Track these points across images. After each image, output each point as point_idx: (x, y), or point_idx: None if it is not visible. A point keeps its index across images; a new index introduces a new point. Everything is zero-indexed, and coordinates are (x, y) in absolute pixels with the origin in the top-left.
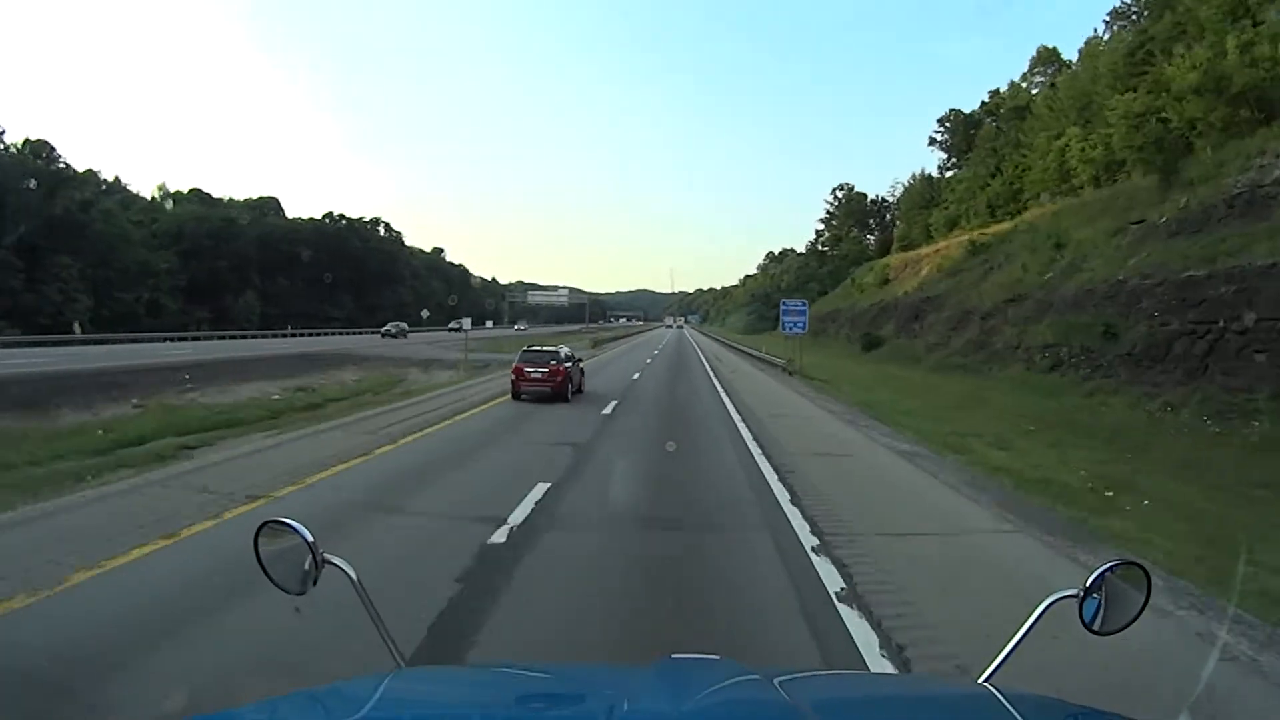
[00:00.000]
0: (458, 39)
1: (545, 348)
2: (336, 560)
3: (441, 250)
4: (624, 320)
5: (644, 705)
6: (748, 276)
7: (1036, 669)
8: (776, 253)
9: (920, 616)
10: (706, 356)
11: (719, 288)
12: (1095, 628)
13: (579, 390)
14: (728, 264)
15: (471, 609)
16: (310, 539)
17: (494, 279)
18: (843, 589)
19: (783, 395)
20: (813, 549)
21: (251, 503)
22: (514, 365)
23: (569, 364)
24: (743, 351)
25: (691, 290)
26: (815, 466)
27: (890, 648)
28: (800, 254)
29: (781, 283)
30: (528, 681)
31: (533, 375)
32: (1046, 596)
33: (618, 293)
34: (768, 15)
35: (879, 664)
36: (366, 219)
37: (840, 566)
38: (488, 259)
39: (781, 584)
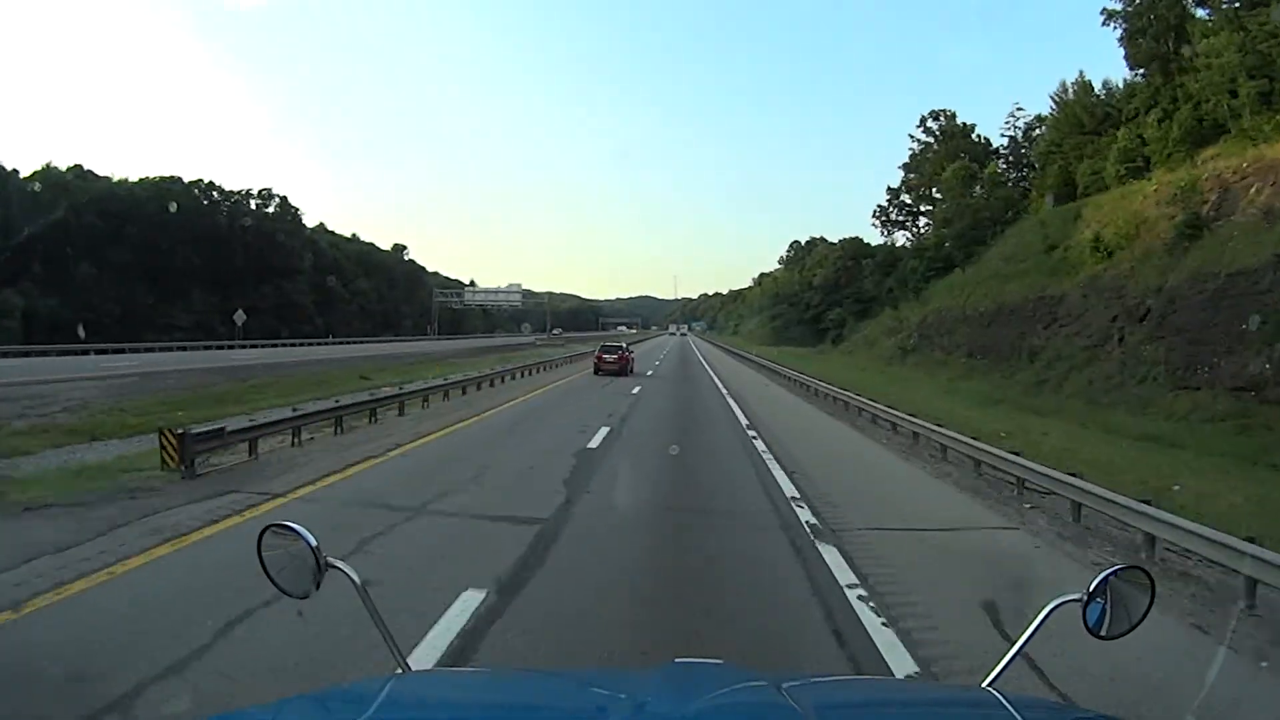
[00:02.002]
0: (454, 37)
1: (615, 344)
2: (339, 564)
3: (403, 248)
4: (622, 327)
5: (648, 709)
6: (763, 275)
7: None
8: (803, 242)
9: None
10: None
11: (726, 292)
12: (1100, 632)
13: (631, 370)
14: (735, 268)
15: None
16: (314, 543)
17: (473, 281)
18: None
19: None
20: None
21: None
22: (595, 353)
23: (629, 352)
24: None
25: (695, 296)
26: None
27: None
28: (834, 243)
29: (814, 277)
30: (531, 685)
31: (608, 359)
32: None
33: (618, 299)
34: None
35: None
36: (253, 191)
37: None
38: (478, 264)
39: None
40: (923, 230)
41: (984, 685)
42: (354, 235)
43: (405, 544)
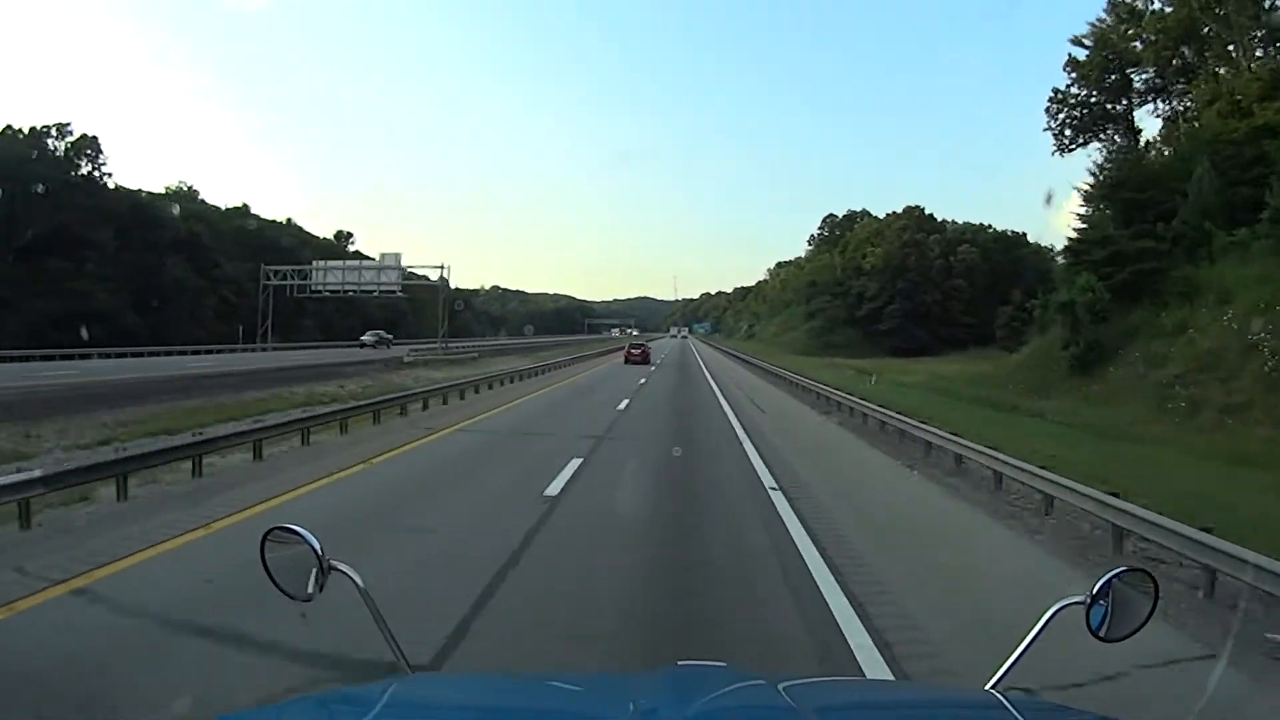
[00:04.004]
0: (451, 35)
1: (641, 341)
2: (342, 567)
3: (348, 235)
4: (614, 331)
5: (649, 711)
6: (783, 264)
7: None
8: (840, 216)
9: None
10: None
11: (731, 290)
12: (1102, 634)
13: (649, 359)
14: (737, 268)
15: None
16: (317, 546)
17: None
18: None
19: None
20: None
21: None
22: (625, 349)
23: (649, 347)
24: None
25: (696, 296)
26: None
27: None
28: (879, 217)
29: (864, 258)
30: (533, 688)
31: (634, 353)
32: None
33: (615, 300)
34: None
35: None
36: (41, 128)
37: None
38: (476, 267)
39: None
40: (1183, 121)
41: (987, 688)
42: (265, 212)
43: None
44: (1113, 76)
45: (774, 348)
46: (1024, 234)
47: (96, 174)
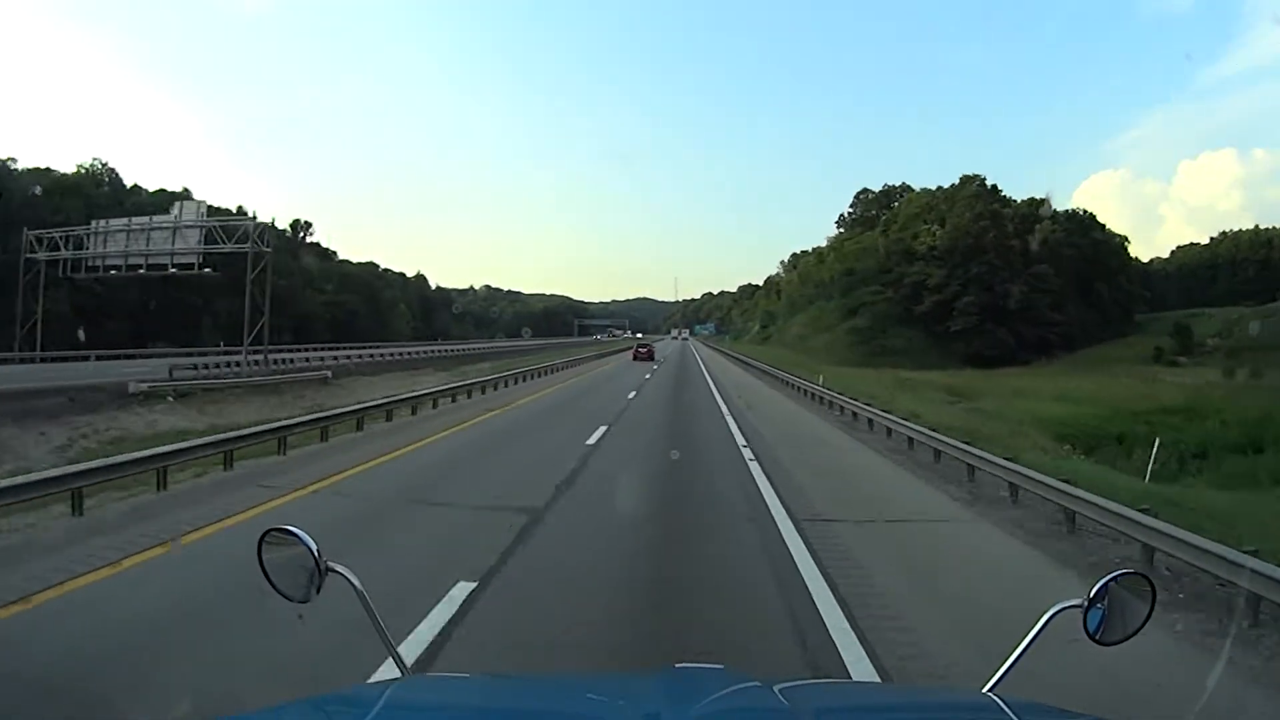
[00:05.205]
0: (447, 34)
1: (647, 342)
2: (340, 568)
3: (306, 225)
4: (599, 336)
5: (650, 715)
6: (798, 255)
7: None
8: (878, 191)
9: None
10: None
11: (736, 289)
12: (1099, 638)
13: (653, 356)
14: (738, 269)
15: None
16: (314, 547)
17: (433, 281)
18: None
19: None
20: None
21: None
22: (634, 348)
23: (652, 346)
24: None
25: (698, 296)
26: None
27: None
28: (930, 190)
29: (915, 237)
30: (531, 690)
31: (641, 351)
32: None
33: (614, 301)
34: None
35: None
36: None
37: None
38: (461, 265)
39: None
40: None
41: (984, 690)
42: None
43: None
44: None
45: (802, 354)
46: (1093, 214)
47: None
